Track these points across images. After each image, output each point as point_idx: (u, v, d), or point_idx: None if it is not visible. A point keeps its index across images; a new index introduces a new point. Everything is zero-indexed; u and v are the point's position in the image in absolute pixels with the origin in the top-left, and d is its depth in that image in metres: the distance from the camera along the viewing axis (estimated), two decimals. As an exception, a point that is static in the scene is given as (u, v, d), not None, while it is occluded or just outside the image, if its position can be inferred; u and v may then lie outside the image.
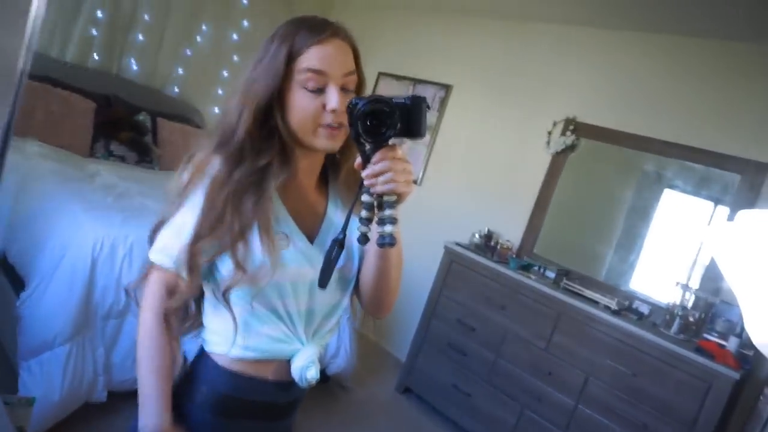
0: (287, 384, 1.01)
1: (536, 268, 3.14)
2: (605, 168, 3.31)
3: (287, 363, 0.99)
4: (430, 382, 3.32)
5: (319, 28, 0.94)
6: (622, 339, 2.60)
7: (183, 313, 1.02)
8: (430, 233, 3.71)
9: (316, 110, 0.94)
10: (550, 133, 3.36)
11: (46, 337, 2.06)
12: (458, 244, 3.34)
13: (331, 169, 1.10)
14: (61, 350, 2.06)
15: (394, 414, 3.24)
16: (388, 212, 0.86)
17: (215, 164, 0.95)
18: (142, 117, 3.81)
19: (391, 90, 4.18)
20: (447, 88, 3.95)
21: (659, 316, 2.76)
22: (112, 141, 3.54)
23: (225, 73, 4.49)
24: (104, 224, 2.29)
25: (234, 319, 0.95)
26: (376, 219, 0.88)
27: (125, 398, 2.46)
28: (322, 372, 2.99)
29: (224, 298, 0.94)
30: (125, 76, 4.03)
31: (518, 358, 2.96)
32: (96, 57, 3.85)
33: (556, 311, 2.84)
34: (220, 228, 0.91)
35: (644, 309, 2.82)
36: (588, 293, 2.87)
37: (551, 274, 3.04)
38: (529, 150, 3.47)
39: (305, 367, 0.97)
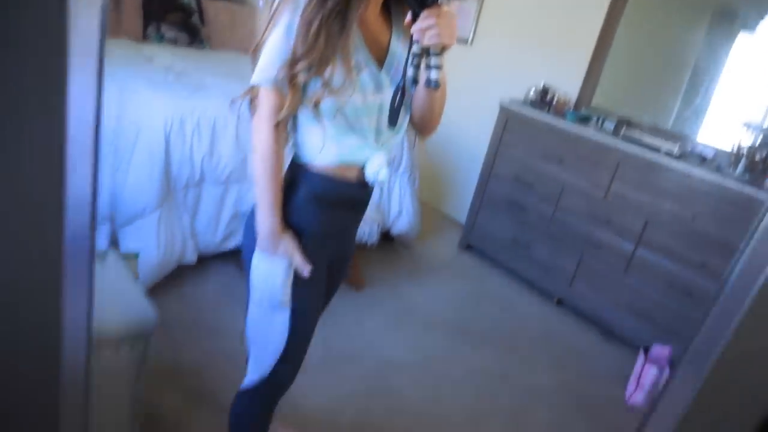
0: (364, 184, 1.26)
1: (595, 119, 3.09)
2: (671, 8, 3.09)
3: (362, 168, 1.23)
4: (491, 238, 3.46)
5: None
6: (683, 183, 2.60)
7: (287, 126, 1.20)
8: (484, 93, 3.66)
9: None
10: (609, -27, 3.12)
11: (137, 207, 2.27)
12: (514, 101, 3.30)
13: (393, 2, 1.24)
14: (152, 217, 2.28)
15: (457, 267, 3.43)
16: (433, 61, 1.08)
17: None
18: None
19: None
20: (496, -66, 3.67)
21: (723, 160, 2.71)
22: (162, 23, 3.58)
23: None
24: (171, 101, 2.40)
25: (323, 128, 1.16)
26: (424, 65, 1.10)
27: (212, 260, 2.73)
28: (387, 232, 3.20)
29: (316, 110, 1.13)
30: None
31: (576, 208, 3.02)
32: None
33: (615, 160, 2.83)
34: (312, 50, 1.06)
35: (708, 153, 2.77)
36: (649, 140, 2.83)
37: (610, 125, 2.99)
38: (586, -5, 3.26)
39: (377, 170, 1.22)
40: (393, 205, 3.12)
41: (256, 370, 1.33)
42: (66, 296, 0.76)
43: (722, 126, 2.88)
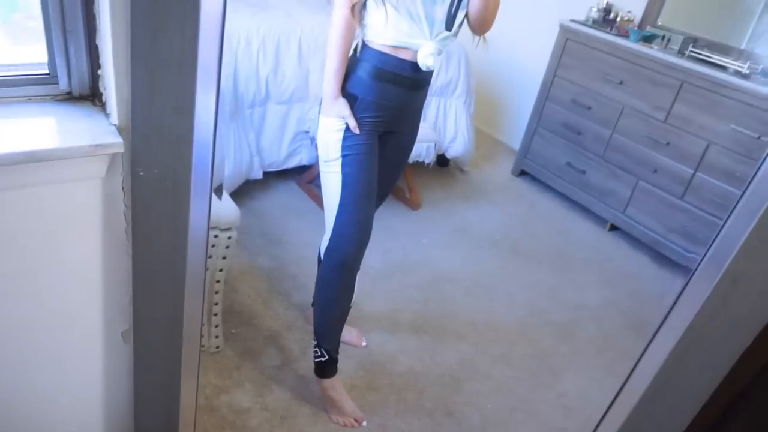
0: (416, 66, 1.45)
1: (660, 38, 2.99)
2: None
3: (416, 53, 1.42)
4: (545, 163, 3.47)
5: None
6: (750, 102, 2.52)
7: (361, 9, 1.41)
8: (543, 13, 3.57)
9: None
10: None
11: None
12: (574, 21, 3.22)
13: None
14: (226, 128, 2.41)
15: (511, 191, 3.48)
16: None
17: None
18: None
19: None
20: None
21: (796, 78, 2.61)
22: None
23: None
24: (237, 20, 2.48)
25: (385, 12, 1.36)
26: None
27: (276, 176, 2.88)
28: (443, 155, 3.26)
29: None
30: None
31: (635, 131, 2.98)
32: None
33: (678, 80, 2.77)
34: None
35: (780, 72, 2.66)
36: (716, 59, 2.74)
37: (676, 44, 2.90)
38: None
39: (426, 56, 1.41)
40: (449, 129, 3.17)
41: (329, 230, 1.56)
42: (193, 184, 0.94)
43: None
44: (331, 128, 1.49)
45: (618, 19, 3.13)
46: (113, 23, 0.87)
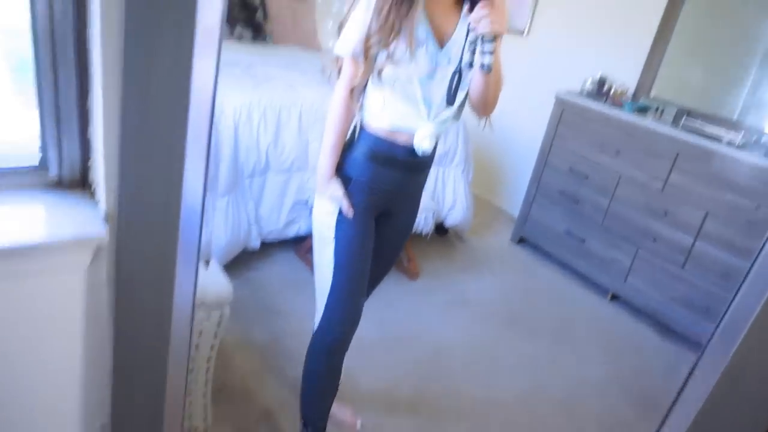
0: (412, 149, 1.42)
1: (654, 109, 3.05)
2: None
3: (412, 135, 1.40)
4: (544, 230, 3.47)
5: None
6: (746, 172, 2.54)
7: (361, 92, 1.40)
8: (540, 84, 3.66)
9: None
10: (671, -40, 3.06)
11: (211, 190, 2.42)
12: (569, 92, 3.29)
13: None
14: (222, 202, 2.43)
15: (510, 260, 3.46)
16: (487, 47, 1.24)
17: None
18: (251, -5, 3.96)
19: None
20: (554, -74, 3.66)
21: (790, 150, 2.63)
22: (227, 22, 3.76)
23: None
24: (239, 93, 2.54)
25: (382, 95, 1.36)
26: (479, 50, 1.25)
27: (274, 246, 2.87)
28: (441, 224, 3.26)
29: (378, 77, 1.32)
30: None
31: (633, 200, 2.99)
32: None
33: (674, 151, 2.79)
34: (385, 27, 1.27)
35: (774, 143, 2.69)
36: (710, 130, 2.77)
37: (670, 115, 2.94)
38: (646, -18, 3.21)
39: (422, 139, 1.39)
40: (447, 197, 3.18)
41: (320, 311, 1.54)
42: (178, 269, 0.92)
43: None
44: (324, 210, 1.47)
45: (612, 91, 3.20)
46: (105, 117, 0.88)
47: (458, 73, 1.31)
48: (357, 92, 1.38)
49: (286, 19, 3.97)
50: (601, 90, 3.26)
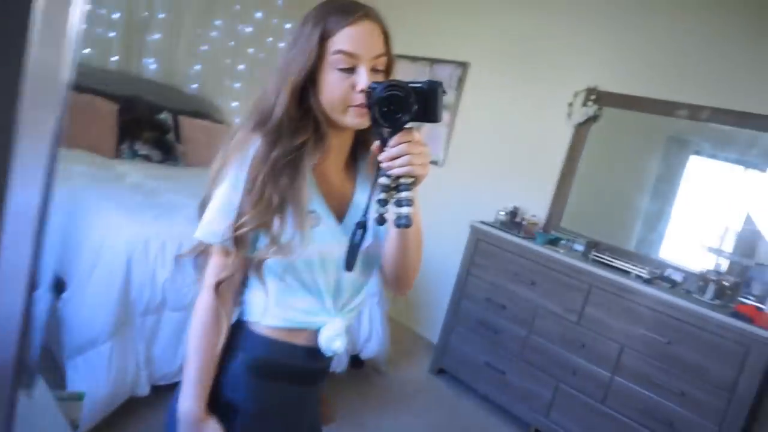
0: (316, 351, 1.06)
1: (564, 241, 3.12)
2: (629, 136, 3.25)
3: (316, 332, 1.05)
4: (464, 361, 3.34)
5: (349, 11, 0.98)
6: (656, 307, 2.58)
7: (238, 287, 1.06)
8: (455, 213, 3.70)
9: (346, 90, 0.97)
10: (571, 104, 3.30)
11: (89, 336, 2.13)
12: (484, 223, 3.33)
13: (360, 149, 1.12)
14: (104, 347, 2.14)
15: (429, 394, 3.27)
16: (404, 194, 0.90)
17: (255, 143, 0.98)
18: (164, 116, 3.87)
19: (407, 73, 4.15)
20: (464, 65, 3.91)
21: (692, 284, 2.72)
22: (136, 141, 3.61)
23: (241, 67, 4.51)
24: (137, 223, 2.35)
25: (266, 289, 1.02)
26: (393, 200, 0.92)
27: (168, 390, 2.54)
28: (357, 357, 3.06)
29: (258, 269, 1.00)
30: (145, 76, 4.09)
31: (550, 332, 2.95)
32: (115, 58, 3.92)
33: (586, 284, 2.82)
34: (260, 204, 0.95)
35: (677, 276, 2.78)
36: (618, 263, 2.85)
37: (579, 247, 3.02)
38: (550, 123, 3.43)
39: (331, 338, 1.03)
40: (363, 330, 3.02)
41: None
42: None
43: (688, 248, 2.93)
44: None
45: (524, 222, 3.27)
46: None
47: (362, 227, 0.99)
48: (228, 289, 1.02)
49: (200, 141, 3.88)
50: (514, 220, 3.32)
